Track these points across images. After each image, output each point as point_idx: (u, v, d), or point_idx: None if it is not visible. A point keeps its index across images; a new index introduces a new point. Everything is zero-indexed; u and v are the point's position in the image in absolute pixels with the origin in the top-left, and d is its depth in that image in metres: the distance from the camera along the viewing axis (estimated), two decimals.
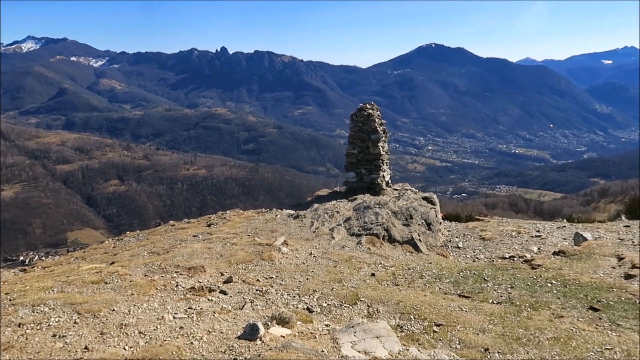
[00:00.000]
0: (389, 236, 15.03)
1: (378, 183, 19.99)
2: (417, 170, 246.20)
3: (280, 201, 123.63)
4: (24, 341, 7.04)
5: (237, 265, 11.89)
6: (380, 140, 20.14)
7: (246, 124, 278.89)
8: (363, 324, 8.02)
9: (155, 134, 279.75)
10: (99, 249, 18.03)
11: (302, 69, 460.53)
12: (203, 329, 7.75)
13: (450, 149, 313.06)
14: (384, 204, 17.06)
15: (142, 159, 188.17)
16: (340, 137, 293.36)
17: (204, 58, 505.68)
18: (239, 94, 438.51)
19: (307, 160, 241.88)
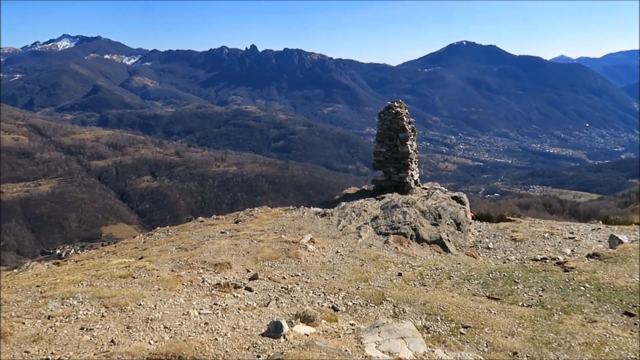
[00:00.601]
0: (416, 236, 14.84)
1: (406, 182, 19.76)
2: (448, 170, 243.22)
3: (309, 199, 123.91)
4: (53, 333, 7.17)
5: (263, 262, 11.91)
6: (409, 139, 19.90)
7: (276, 121, 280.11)
8: (388, 324, 7.91)
9: (187, 131, 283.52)
10: (129, 244, 18.34)
11: (332, 67, 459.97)
12: (227, 326, 7.77)
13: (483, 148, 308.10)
14: (412, 203, 16.86)
15: (173, 156, 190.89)
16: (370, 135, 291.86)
17: (234, 56, 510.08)
18: (268, 91, 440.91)
19: (336, 158, 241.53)
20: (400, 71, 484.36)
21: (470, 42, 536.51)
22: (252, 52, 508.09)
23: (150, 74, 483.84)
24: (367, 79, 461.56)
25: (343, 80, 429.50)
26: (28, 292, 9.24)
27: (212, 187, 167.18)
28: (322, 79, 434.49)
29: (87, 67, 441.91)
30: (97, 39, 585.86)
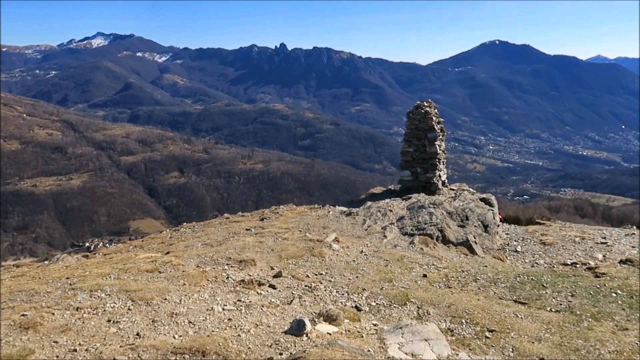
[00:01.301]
0: (443, 237, 14.68)
1: (434, 182, 19.56)
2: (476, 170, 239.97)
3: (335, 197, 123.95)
4: (81, 325, 7.32)
5: (288, 260, 11.94)
6: (437, 139, 19.68)
7: (303, 120, 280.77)
8: (412, 326, 7.84)
9: (215, 128, 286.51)
10: (156, 239, 18.62)
11: (361, 66, 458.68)
12: (251, 322, 7.81)
13: (513, 149, 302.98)
14: (439, 204, 16.67)
15: (201, 153, 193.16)
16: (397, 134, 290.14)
17: (264, 54, 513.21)
18: (297, 90, 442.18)
19: (363, 158, 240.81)
20: (430, 70, 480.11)
21: (503, 42, 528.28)
22: (282, 50, 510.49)
23: (181, 72, 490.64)
24: (396, 78, 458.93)
25: (372, 79, 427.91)
26: (58, 284, 9.45)
27: (238, 184, 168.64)
28: (351, 77, 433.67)
29: (120, 65, 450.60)
30: (130, 37, 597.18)
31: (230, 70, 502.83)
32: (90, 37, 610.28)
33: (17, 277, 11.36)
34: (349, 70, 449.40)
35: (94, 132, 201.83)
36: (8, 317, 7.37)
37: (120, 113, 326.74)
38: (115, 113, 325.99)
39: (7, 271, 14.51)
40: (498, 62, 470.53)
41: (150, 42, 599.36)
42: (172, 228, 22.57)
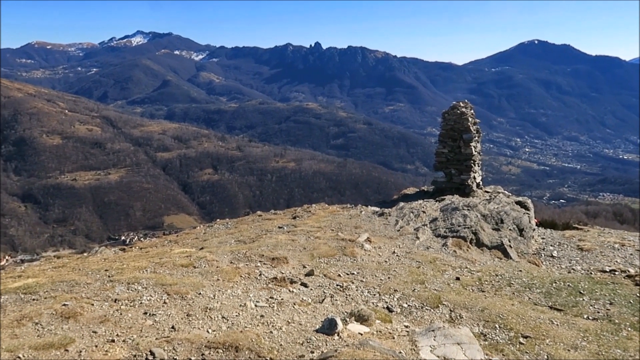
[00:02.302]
0: (476, 240, 14.48)
1: (468, 184, 19.30)
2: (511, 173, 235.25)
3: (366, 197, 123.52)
4: (119, 316, 7.53)
5: (319, 259, 11.98)
6: (473, 140, 19.41)
7: (336, 119, 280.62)
8: (444, 329, 7.77)
9: (249, 126, 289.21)
10: (190, 234, 18.95)
11: (395, 65, 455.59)
12: (282, 319, 7.88)
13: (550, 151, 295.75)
14: (474, 206, 16.44)
15: (235, 150, 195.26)
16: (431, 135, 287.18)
17: (298, 53, 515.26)
18: (330, 89, 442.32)
19: (395, 158, 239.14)
20: (466, 70, 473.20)
21: (543, 41, 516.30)
22: (316, 49, 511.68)
23: (217, 70, 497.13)
24: (431, 77, 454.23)
25: (406, 79, 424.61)
26: (97, 276, 9.74)
27: (270, 182, 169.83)
28: (385, 77, 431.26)
29: (158, 63, 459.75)
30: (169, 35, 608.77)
31: (265, 69, 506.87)
32: (130, 36, 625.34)
33: (58, 268, 11.75)
34: (383, 70, 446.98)
35: (132, 129, 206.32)
36: (50, 307, 7.64)
37: (157, 110, 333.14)
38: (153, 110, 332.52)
39: (49, 262, 15.02)
40: (537, 62, 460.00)
41: (187, 41, 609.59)
42: (206, 224, 22.92)
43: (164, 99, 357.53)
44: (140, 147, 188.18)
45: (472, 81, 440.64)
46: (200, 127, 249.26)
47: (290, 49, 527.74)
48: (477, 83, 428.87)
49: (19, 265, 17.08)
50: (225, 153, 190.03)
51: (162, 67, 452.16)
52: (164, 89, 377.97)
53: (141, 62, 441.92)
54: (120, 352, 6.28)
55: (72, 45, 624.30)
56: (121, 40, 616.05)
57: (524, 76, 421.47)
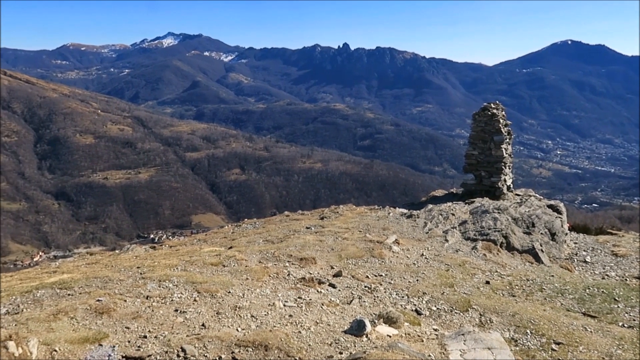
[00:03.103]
0: (507, 243, 14.25)
1: (498, 187, 19.01)
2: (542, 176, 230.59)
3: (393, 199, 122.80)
4: (150, 312, 7.66)
5: (347, 260, 11.97)
6: (504, 142, 19.12)
7: (363, 120, 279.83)
8: (474, 333, 7.68)
9: (276, 126, 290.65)
10: (219, 233, 19.15)
11: (424, 66, 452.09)
12: (311, 320, 7.90)
13: (582, 154, 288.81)
14: (504, 209, 16.19)
15: (262, 150, 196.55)
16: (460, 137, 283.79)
17: (326, 54, 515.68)
18: (358, 90, 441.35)
19: (423, 159, 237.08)
20: (497, 71, 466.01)
21: (576, 41, 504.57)
22: (344, 50, 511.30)
23: (245, 71, 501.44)
24: (460, 79, 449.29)
25: (435, 80, 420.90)
26: (129, 272, 9.94)
27: (296, 183, 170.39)
28: (413, 78, 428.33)
29: (188, 64, 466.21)
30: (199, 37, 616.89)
31: (293, 70, 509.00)
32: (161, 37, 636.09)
33: (92, 265, 12.03)
34: (411, 71, 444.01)
35: (162, 129, 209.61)
36: (84, 302, 7.83)
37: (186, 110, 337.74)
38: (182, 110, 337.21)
39: (82, 258, 15.38)
40: (570, 62, 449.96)
41: (217, 42, 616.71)
42: (234, 223, 23.12)
43: (193, 100, 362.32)
44: (170, 146, 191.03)
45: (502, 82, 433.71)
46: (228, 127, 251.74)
47: (318, 50, 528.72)
48: (508, 84, 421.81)
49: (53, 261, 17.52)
50: (252, 153, 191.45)
51: (192, 68, 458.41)
52: (194, 89, 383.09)
53: (172, 63, 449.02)
54: (152, 348, 6.39)
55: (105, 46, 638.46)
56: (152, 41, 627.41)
57: (556, 77, 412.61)
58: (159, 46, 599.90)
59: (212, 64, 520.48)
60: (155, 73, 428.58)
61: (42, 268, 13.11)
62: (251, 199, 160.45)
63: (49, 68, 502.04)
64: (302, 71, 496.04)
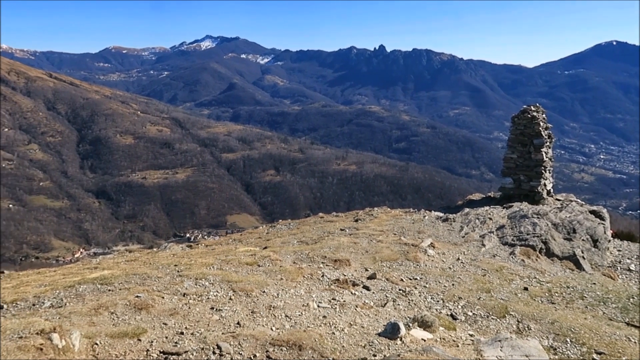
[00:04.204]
0: (546, 249, 13.90)
1: (538, 191, 18.58)
2: (584, 181, 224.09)
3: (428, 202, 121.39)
4: (187, 310, 7.80)
5: (382, 262, 11.90)
6: (544, 146, 18.68)
7: (399, 122, 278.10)
8: (511, 340, 7.52)
9: (311, 128, 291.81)
10: (253, 234, 19.34)
11: (461, 68, 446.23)
12: (345, 321, 7.88)
13: (627, 159, 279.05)
14: (544, 214, 15.81)
15: (297, 152, 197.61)
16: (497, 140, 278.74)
17: (362, 56, 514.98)
18: (394, 92, 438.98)
19: (459, 163, 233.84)
20: (537, 73, 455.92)
21: (622, 42, 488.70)
22: (380, 52, 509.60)
23: (281, 73, 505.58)
24: (498, 80, 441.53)
25: (472, 82, 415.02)
26: (167, 270, 10.14)
27: (331, 185, 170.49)
28: (450, 80, 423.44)
29: (225, 66, 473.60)
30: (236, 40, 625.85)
31: (328, 72, 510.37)
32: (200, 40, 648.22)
33: (131, 262, 12.34)
34: (448, 72, 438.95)
35: (199, 130, 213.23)
36: (124, 298, 8.03)
37: (223, 112, 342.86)
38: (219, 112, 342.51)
39: (121, 255, 15.78)
40: (614, 64, 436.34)
41: (254, 44, 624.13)
42: (268, 224, 23.31)
43: (230, 101, 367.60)
44: (207, 147, 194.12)
45: (543, 84, 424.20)
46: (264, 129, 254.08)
47: (354, 51, 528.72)
48: (549, 86, 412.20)
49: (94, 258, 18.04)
50: (287, 155, 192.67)
51: (229, 70, 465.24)
52: (230, 91, 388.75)
53: (209, 65, 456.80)
54: (189, 345, 6.50)
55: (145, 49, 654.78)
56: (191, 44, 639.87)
57: (600, 79, 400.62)
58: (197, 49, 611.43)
59: (249, 66, 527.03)
60: (193, 75, 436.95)
61: (84, 264, 13.52)
62: (285, 200, 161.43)
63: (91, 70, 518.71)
64: (338, 73, 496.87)
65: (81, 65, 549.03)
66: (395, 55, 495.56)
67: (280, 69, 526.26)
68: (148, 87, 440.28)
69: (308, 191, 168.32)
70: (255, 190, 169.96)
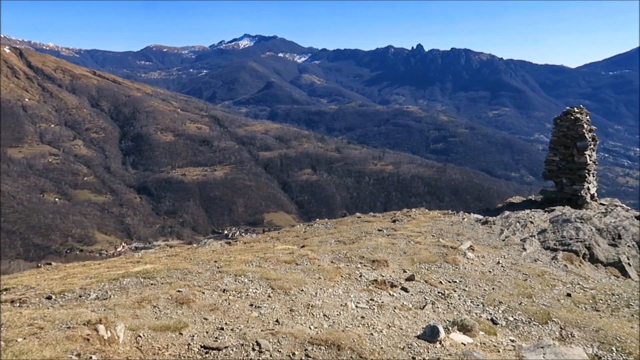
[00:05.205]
0: (590, 255, 13.50)
1: (581, 195, 18.06)
2: (629, 185, 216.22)
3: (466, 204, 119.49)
4: (227, 306, 7.92)
5: (420, 264, 11.80)
6: (588, 148, 18.14)
7: (437, 122, 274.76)
8: (554, 347, 7.33)
9: (348, 128, 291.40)
10: (291, 232, 19.46)
11: (501, 68, 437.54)
12: (383, 322, 7.85)
13: None
14: (587, 219, 15.36)
15: (334, 151, 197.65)
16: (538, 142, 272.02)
17: (400, 55, 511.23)
18: (431, 92, 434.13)
19: (499, 164, 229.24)
20: (580, 74, 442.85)
21: None
22: (418, 51, 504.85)
23: (318, 72, 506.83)
24: (540, 81, 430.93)
25: (512, 82, 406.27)
26: (207, 266, 10.33)
27: (367, 185, 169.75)
28: (490, 80, 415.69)
29: (263, 65, 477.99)
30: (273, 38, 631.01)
31: (365, 71, 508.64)
32: (238, 39, 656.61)
33: (172, 257, 12.61)
34: (488, 73, 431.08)
35: (237, 128, 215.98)
36: (166, 292, 8.22)
37: (261, 110, 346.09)
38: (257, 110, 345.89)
39: (163, 250, 16.14)
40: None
41: (291, 43, 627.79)
42: (305, 223, 23.42)
43: (267, 100, 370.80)
44: (244, 145, 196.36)
45: (586, 85, 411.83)
46: (300, 127, 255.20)
47: (391, 51, 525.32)
48: (592, 87, 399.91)
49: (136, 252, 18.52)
50: (324, 154, 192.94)
51: (267, 69, 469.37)
52: (268, 90, 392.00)
53: (247, 64, 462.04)
54: (229, 340, 6.60)
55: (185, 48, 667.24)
56: (229, 43, 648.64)
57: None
58: (236, 47, 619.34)
59: (286, 65, 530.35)
60: (231, 74, 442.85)
61: (127, 258, 13.90)
62: (322, 199, 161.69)
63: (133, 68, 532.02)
64: (375, 72, 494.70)
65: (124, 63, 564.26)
66: (433, 54, 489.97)
67: (317, 67, 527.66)
68: (188, 85, 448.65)
69: (344, 191, 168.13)
70: (291, 189, 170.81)
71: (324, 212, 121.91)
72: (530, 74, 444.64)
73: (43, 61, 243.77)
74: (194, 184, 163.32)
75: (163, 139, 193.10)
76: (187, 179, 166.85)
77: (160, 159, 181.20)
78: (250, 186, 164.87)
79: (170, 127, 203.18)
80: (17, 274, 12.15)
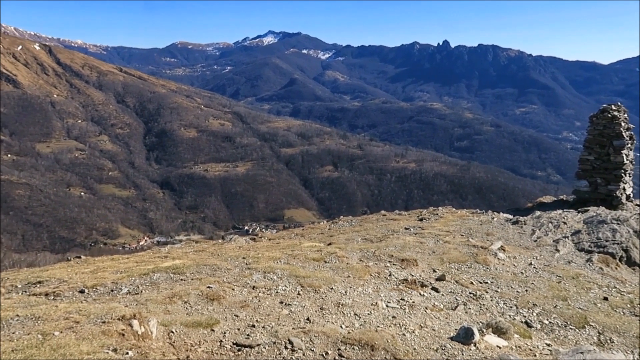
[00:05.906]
0: (627, 258, 13.09)
1: (617, 196, 17.56)
2: None
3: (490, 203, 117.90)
4: (257, 302, 7.86)
5: (450, 264, 11.58)
6: (625, 148, 17.62)
7: (461, 120, 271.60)
8: (594, 352, 7.08)
9: (370, 125, 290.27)
10: (315, 229, 19.37)
11: (530, 64, 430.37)
12: (415, 323, 7.69)
13: None
14: (624, 220, 14.91)
15: (355, 149, 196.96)
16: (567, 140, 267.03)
17: (425, 52, 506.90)
18: (457, 89, 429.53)
19: (525, 163, 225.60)
20: (613, 70, 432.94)
21: None
22: (444, 47, 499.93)
23: (342, 69, 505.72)
24: (570, 78, 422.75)
25: (541, 79, 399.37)
26: (236, 262, 10.29)
27: (389, 182, 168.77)
28: (518, 77, 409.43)
29: (286, 61, 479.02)
30: (297, 35, 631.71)
31: (390, 68, 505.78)
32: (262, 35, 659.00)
33: (199, 252, 12.62)
34: (516, 69, 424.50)
35: (259, 124, 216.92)
36: (196, 288, 8.20)
37: (283, 107, 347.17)
38: (279, 107, 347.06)
39: (189, 245, 16.21)
40: None
41: (315, 40, 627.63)
42: (330, 220, 23.30)
43: (290, 97, 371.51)
44: (266, 142, 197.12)
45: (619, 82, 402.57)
46: (323, 124, 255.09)
47: (416, 47, 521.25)
48: (626, 84, 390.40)
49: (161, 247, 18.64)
50: (346, 151, 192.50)
51: (290, 65, 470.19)
52: (291, 86, 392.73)
53: (271, 60, 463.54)
54: (261, 338, 6.53)
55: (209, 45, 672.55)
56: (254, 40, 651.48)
57: None
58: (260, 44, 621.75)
59: (310, 61, 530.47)
60: (255, 70, 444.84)
61: (154, 252, 13.97)
62: (343, 197, 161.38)
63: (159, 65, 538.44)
64: (399, 69, 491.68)
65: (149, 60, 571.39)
66: (459, 51, 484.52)
67: (341, 64, 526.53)
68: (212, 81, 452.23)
69: (366, 188, 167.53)
70: (313, 186, 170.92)
71: (345, 209, 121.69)
72: (561, 70, 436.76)
73: (71, 58, 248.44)
74: (216, 180, 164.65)
75: (186, 134, 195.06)
76: (209, 174, 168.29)
77: (183, 154, 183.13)
78: (272, 182, 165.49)
79: (194, 123, 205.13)
80: (47, 266, 12.30)
